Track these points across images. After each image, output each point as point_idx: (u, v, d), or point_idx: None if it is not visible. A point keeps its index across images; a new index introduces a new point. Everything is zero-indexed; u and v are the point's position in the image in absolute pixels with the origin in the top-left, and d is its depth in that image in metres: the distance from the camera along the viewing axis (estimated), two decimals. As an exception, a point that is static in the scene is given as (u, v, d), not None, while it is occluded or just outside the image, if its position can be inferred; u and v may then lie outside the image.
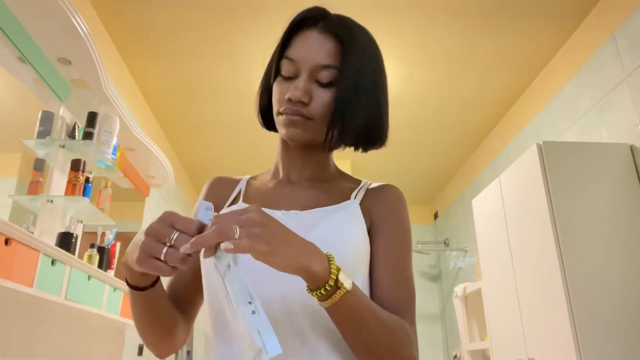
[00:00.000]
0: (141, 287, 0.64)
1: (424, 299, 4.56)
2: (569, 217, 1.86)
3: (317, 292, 0.56)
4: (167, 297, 0.72)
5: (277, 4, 2.29)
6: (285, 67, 0.73)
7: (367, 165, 3.86)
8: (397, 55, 2.65)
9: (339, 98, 0.71)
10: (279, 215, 0.73)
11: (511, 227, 2.21)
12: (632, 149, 2.00)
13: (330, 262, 0.58)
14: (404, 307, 0.71)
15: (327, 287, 0.56)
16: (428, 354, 4.35)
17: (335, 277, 0.56)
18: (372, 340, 0.62)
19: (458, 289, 3.33)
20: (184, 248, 0.51)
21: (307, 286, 0.57)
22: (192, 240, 0.50)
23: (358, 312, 0.60)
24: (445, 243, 4.44)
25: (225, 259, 0.53)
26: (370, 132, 0.77)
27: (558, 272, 1.79)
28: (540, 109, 2.79)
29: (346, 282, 0.57)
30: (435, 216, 4.81)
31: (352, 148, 0.80)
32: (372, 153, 0.83)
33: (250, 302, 0.51)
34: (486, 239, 2.50)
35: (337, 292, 0.56)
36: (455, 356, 3.93)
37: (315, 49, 0.72)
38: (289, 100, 0.71)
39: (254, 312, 0.51)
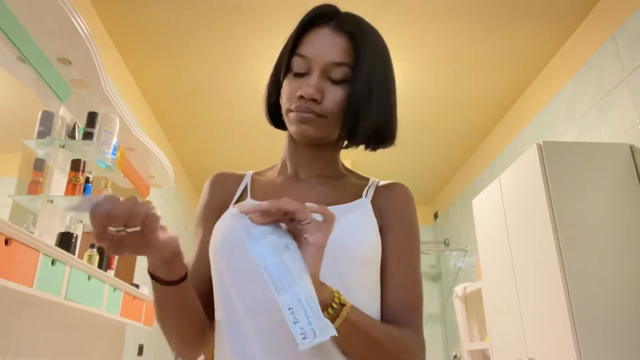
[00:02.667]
0: (175, 280, 0.64)
1: (424, 299, 4.53)
2: (569, 217, 1.86)
3: (324, 312, 0.56)
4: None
5: (278, 3, 2.29)
6: (297, 64, 0.73)
7: (368, 165, 3.86)
8: (397, 55, 2.65)
9: (352, 96, 0.71)
10: None
11: (511, 227, 2.21)
12: (632, 149, 2.00)
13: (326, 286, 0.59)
14: (410, 311, 0.71)
15: (334, 305, 0.57)
16: (428, 354, 4.35)
17: (338, 295, 0.58)
18: (378, 353, 0.63)
19: (458, 289, 3.33)
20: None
21: None
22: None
23: (362, 328, 0.61)
24: (445, 243, 4.44)
25: (281, 239, 0.54)
26: (381, 131, 0.76)
27: (558, 272, 1.79)
28: (540, 109, 2.79)
29: (348, 301, 0.59)
30: (435, 216, 4.81)
31: (361, 147, 0.80)
32: (373, 153, 0.83)
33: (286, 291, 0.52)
34: (486, 239, 2.50)
35: (342, 312, 0.57)
36: (455, 356, 3.93)
37: (328, 46, 0.72)
38: (301, 97, 0.70)
39: (290, 309, 0.50)
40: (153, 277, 0.64)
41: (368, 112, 0.72)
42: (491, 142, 3.48)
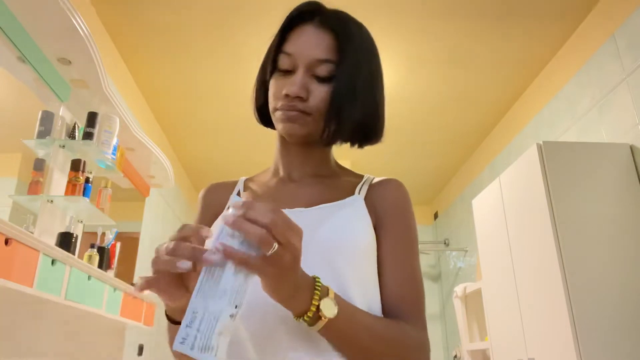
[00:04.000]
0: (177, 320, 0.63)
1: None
2: (569, 217, 1.86)
3: (300, 319, 0.56)
4: None
5: (278, 3, 2.29)
6: (282, 62, 0.73)
7: (367, 165, 3.86)
8: (396, 55, 2.65)
9: (336, 93, 0.70)
10: None
11: (511, 227, 2.21)
12: (632, 149, 2.00)
13: (316, 288, 0.56)
14: (413, 309, 0.70)
15: (306, 318, 0.56)
16: (428, 354, 4.35)
17: (314, 309, 0.55)
18: (368, 356, 0.63)
19: (458, 289, 3.33)
20: (209, 243, 0.49)
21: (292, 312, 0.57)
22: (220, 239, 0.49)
23: (348, 333, 0.60)
24: (445, 243, 4.44)
25: (241, 247, 0.50)
26: (366, 128, 0.76)
27: (558, 272, 1.79)
28: (540, 109, 2.79)
29: (328, 310, 0.56)
30: (435, 216, 4.81)
31: (349, 144, 0.80)
32: (372, 153, 0.83)
33: (236, 307, 0.49)
34: (486, 239, 2.50)
35: (319, 322, 0.56)
36: (455, 356, 3.93)
37: (312, 43, 0.71)
38: (286, 95, 0.70)
39: (231, 316, 0.48)
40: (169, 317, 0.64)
41: (352, 109, 0.72)
42: (491, 142, 3.48)
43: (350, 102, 0.71)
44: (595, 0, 2.27)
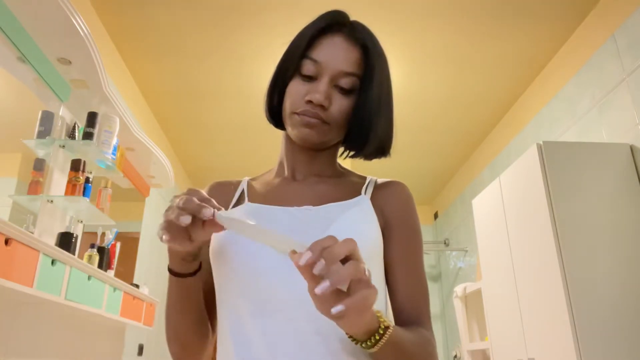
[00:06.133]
0: (183, 273, 0.66)
1: (424, 299, 4.56)
2: (569, 217, 1.86)
3: (367, 342, 0.55)
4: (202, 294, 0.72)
5: (278, 4, 2.29)
6: (307, 68, 0.73)
7: (367, 166, 3.86)
8: (397, 55, 2.65)
9: (363, 108, 0.72)
10: (292, 211, 0.72)
11: (511, 227, 2.21)
12: (632, 149, 2.00)
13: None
14: (423, 310, 0.72)
15: (376, 337, 0.55)
16: (428, 354, 4.34)
17: (382, 320, 0.55)
18: None
19: (458, 289, 3.33)
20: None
21: (353, 338, 0.56)
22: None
23: (400, 346, 0.59)
24: (445, 243, 4.44)
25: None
26: (383, 143, 0.78)
27: (558, 272, 1.79)
28: (540, 109, 2.79)
29: (388, 323, 0.56)
30: (435, 216, 4.81)
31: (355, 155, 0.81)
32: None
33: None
34: (486, 239, 2.50)
35: (386, 335, 0.55)
36: (455, 356, 3.93)
37: (340, 55, 0.73)
38: (309, 102, 0.71)
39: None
40: (173, 272, 0.67)
41: (378, 125, 0.74)
42: (491, 142, 3.48)
43: (376, 118, 0.73)
44: (595, 0, 2.27)
